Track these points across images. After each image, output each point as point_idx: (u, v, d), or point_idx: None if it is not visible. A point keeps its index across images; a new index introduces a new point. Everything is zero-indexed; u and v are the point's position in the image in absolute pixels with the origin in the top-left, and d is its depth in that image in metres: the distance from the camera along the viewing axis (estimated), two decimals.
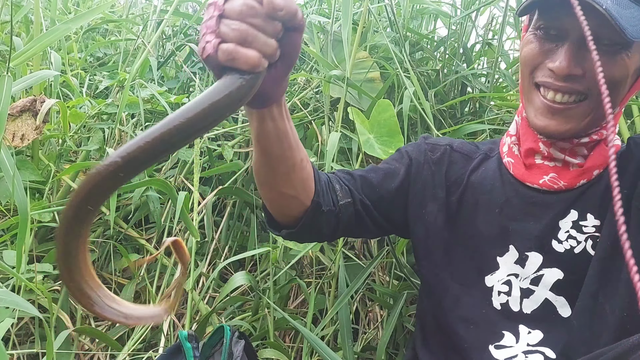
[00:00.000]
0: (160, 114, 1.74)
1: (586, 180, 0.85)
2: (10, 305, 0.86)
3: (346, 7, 1.37)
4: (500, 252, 0.87)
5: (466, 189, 0.93)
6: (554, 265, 0.83)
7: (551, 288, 0.83)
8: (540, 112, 0.82)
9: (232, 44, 0.54)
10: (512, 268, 0.86)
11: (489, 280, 0.87)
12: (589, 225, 0.83)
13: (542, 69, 0.81)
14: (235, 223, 1.64)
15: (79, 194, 0.49)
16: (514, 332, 0.83)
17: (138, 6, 2.55)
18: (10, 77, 1.12)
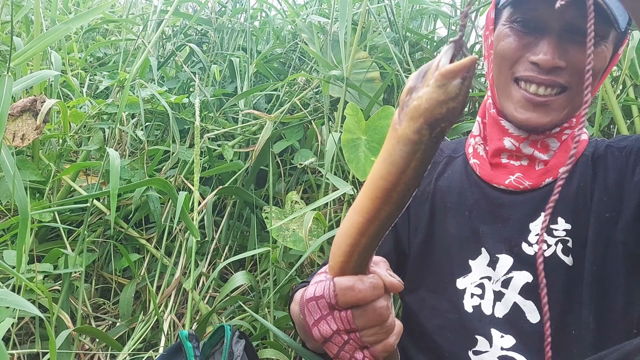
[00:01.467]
0: (160, 114, 1.74)
1: (552, 179, 0.84)
2: (10, 305, 0.86)
3: (344, 7, 1.37)
4: (473, 255, 0.86)
5: (435, 195, 0.92)
6: (523, 268, 0.82)
7: (520, 291, 0.81)
8: (521, 105, 0.81)
9: (387, 339, 0.58)
10: (485, 271, 0.85)
11: (461, 283, 0.86)
12: (560, 229, 0.82)
13: (522, 63, 0.80)
14: (236, 223, 1.64)
15: None
16: (487, 336, 0.81)
17: (138, 6, 2.55)
18: (10, 77, 1.12)
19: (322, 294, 0.57)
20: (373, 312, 0.56)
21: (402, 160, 0.50)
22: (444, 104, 0.47)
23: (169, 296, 1.40)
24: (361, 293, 0.55)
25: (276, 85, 1.72)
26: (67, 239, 1.43)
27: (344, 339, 0.57)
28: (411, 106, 0.49)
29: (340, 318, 0.57)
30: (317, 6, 2.09)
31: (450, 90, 0.47)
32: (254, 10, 2.22)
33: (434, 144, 0.49)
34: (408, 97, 0.49)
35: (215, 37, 2.06)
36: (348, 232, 0.55)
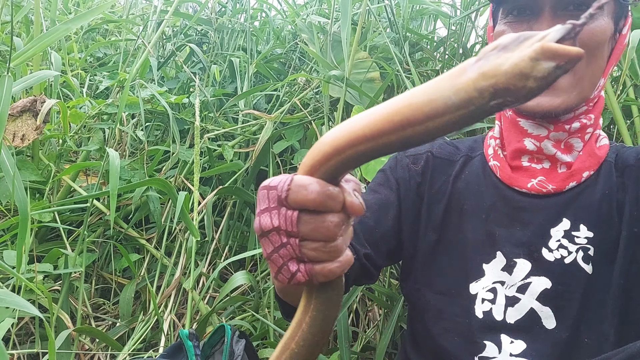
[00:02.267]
0: (161, 114, 1.74)
1: (576, 183, 0.82)
2: (10, 305, 0.86)
3: (345, 7, 1.37)
4: (487, 259, 0.84)
5: (452, 196, 0.90)
6: (542, 274, 0.80)
7: (538, 297, 0.80)
8: None
9: (329, 263, 0.51)
10: (499, 275, 0.83)
11: (473, 288, 0.84)
12: (581, 236, 0.81)
13: None
14: (236, 223, 1.64)
15: None
16: (496, 342, 0.80)
17: (138, 6, 2.55)
18: (10, 77, 1.12)
19: (276, 185, 0.51)
20: (321, 224, 0.49)
21: (442, 106, 0.44)
22: (525, 78, 0.41)
23: (168, 296, 1.40)
24: (313, 195, 0.48)
25: (276, 86, 1.73)
26: (67, 239, 1.43)
27: (282, 240, 0.51)
28: (492, 62, 0.43)
29: (284, 216, 0.50)
30: (317, 6, 2.09)
31: (540, 69, 0.41)
32: (254, 11, 2.22)
33: (483, 113, 0.43)
34: (494, 52, 0.43)
35: (215, 37, 2.06)
36: (339, 136, 0.48)
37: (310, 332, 0.54)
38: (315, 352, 0.54)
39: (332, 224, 0.50)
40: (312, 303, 0.54)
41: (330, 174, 0.50)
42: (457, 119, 0.43)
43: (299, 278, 0.51)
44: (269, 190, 0.52)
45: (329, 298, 0.54)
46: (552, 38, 0.42)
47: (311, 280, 0.51)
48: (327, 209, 0.50)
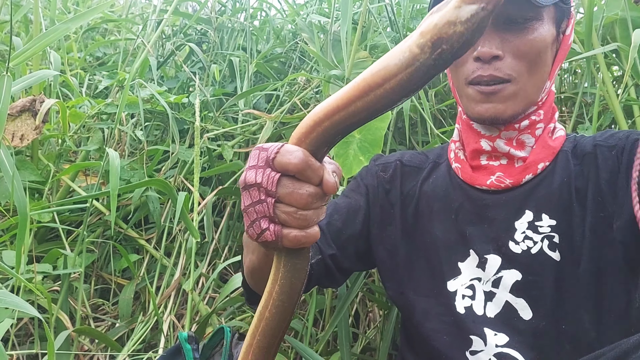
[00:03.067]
0: (160, 114, 1.73)
1: (532, 175, 0.86)
2: (9, 306, 0.85)
3: (345, 7, 1.37)
4: (462, 258, 0.87)
5: (420, 199, 0.94)
6: (512, 267, 0.83)
7: (510, 290, 0.82)
8: (476, 100, 0.84)
9: (297, 230, 0.56)
10: (474, 272, 0.86)
11: (452, 285, 0.87)
12: (545, 225, 0.83)
13: (469, 64, 0.84)
14: (235, 223, 1.63)
15: None
16: (481, 336, 0.82)
17: (137, 6, 2.54)
18: (9, 76, 1.11)
19: (267, 148, 0.56)
20: (297, 190, 0.55)
21: (394, 68, 0.50)
22: (452, 24, 0.47)
23: (168, 297, 1.40)
24: (296, 160, 0.54)
25: (276, 85, 1.72)
26: (66, 240, 1.43)
27: (260, 197, 0.55)
28: (425, 23, 0.49)
29: (268, 175, 0.55)
30: (318, 5, 2.09)
31: (463, 14, 0.46)
32: (253, 10, 2.22)
33: (429, 67, 0.49)
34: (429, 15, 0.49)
35: (215, 36, 2.06)
36: (318, 109, 0.54)
37: (280, 300, 0.59)
38: (286, 318, 0.60)
39: (307, 193, 0.55)
40: (280, 271, 0.59)
41: (314, 147, 0.55)
42: (409, 77, 0.50)
43: (266, 236, 0.56)
44: (260, 151, 0.57)
45: (294, 266, 0.59)
46: None
47: (277, 241, 0.56)
48: (306, 178, 0.55)
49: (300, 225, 0.55)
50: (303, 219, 0.55)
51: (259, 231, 0.56)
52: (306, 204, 0.55)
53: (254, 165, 0.57)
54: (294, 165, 0.54)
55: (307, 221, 0.56)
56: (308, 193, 0.55)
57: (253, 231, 0.57)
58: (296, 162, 0.54)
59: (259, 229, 0.56)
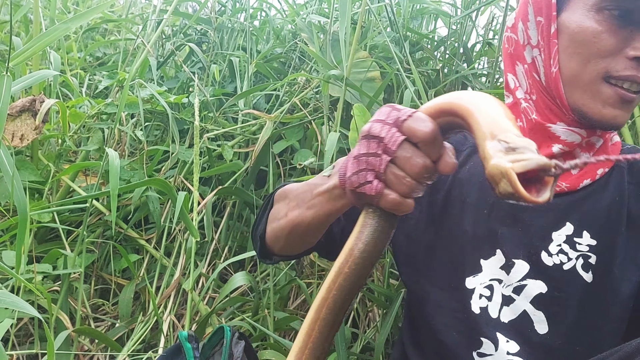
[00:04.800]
0: (160, 114, 1.73)
1: (590, 181, 0.79)
2: (9, 306, 0.85)
3: (344, 7, 1.37)
4: (486, 255, 0.82)
5: (452, 186, 0.87)
6: (539, 278, 0.78)
7: (532, 300, 0.78)
8: (611, 102, 0.73)
9: (397, 195, 0.56)
10: (496, 273, 0.81)
11: (470, 282, 0.82)
12: (584, 243, 0.78)
13: (619, 60, 0.72)
14: (235, 223, 1.63)
15: None
16: (492, 340, 0.78)
17: (137, 6, 2.55)
18: (9, 76, 1.11)
19: (400, 109, 0.57)
20: (414, 158, 0.55)
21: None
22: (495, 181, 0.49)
23: (168, 297, 1.40)
24: (426, 130, 0.54)
25: (276, 85, 1.72)
26: (66, 240, 1.42)
27: (377, 151, 0.56)
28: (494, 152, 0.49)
29: (393, 134, 0.56)
30: (317, 5, 2.09)
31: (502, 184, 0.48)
32: (253, 10, 2.22)
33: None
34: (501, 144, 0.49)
35: (215, 36, 2.06)
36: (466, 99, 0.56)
37: (361, 257, 0.60)
38: (363, 276, 0.61)
39: (423, 163, 0.55)
40: (367, 229, 0.60)
41: (444, 127, 0.57)
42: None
43: (367, 189, 0.57)
44: (393, 110, 0.58)
45: (383, 228, 0.59)
46: (523, 166, 0.46)
47: (375, 198, 0.57)
48: (427, 150, 0.55)
49: (403, 192, 0.56)
50: (407, 187, 0.56)
51: (362, 181, 0.57)
52: (418, 174, 0.55)
53: (381, 120, 0.57)
54: (422, 134, 0.55)
55: (410, 190, 0.56)
56: (424, 164, 0.55)
57: (356, 180, 0.57)
58: (425, 131, 0.55)
59: (363, 179, 0.57)
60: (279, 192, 0.84)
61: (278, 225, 0.80)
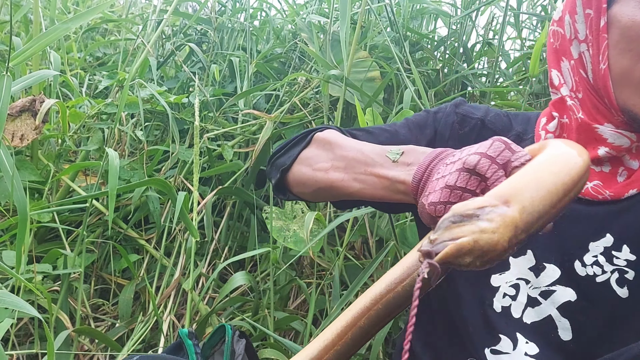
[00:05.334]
0: (160, 114, 1.73)
1: (636, 191, 0.72)
2: (9, 306, 0.85)
3: (344, 6, 1.37)
4: (515, 253, 0.75)
5: None
6: (569, 285, 0.74)
7: (559, 307, 0.74)
8: None
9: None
10: (524, 273, 0.76)
11: (496, 280, 0.78)
12: (622, 257, 0.72)
13: None
14: (235, 223, 1.63)
15: None
16: (512, 338, 0.75)
17: (137, 6, 2.55)
18: (9, 76, 1.11)
19: (515, 150, 0.53)
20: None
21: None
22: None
23: (168, 297, 1.39)
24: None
25: (276, 85, 1.72)
26: (66, 240, 1.42)
27: (476, 190, 0.53)
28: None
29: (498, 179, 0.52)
30: (317, 5, 2.09)
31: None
32: (253, 10, 2.22)
33: None
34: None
35: (215, 36, 2.06)
36: None
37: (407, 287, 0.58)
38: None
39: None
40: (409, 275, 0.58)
41: None
42: None
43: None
44: (506, 149, 0.54)
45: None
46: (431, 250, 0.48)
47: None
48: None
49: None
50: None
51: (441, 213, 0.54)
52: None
53: (491, 157, 0.53)
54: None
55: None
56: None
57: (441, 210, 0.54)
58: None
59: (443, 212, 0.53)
60: (322, 136, 0.77)
61: (312, 175, 0.74)
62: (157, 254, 1.48)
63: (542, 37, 1.36)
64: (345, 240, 1.38)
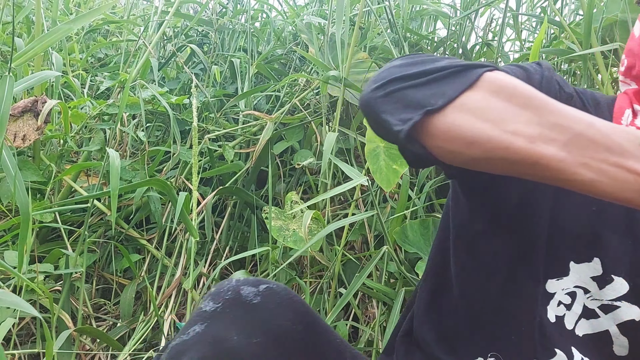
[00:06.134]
0: (161, 115, 1.74)
1: None
2: (11, 306, 0.86)
3: (340, 8, 1.37)
4: (578, 259, 0.68)
5: None
6: (636, 303, 0.66)
7: (619, 324, 0.66)
8: None
9: None
10: (585, 281, 0.68)
11: (552, 286, 0.69)
12: None
13: None
14: (236, 223, 1.64)
15: None
16: (567, 353, 0.67)
17: (139, 7, 2.56)
18: (12, 77, 1.12)
19: None
20: None
21: None
22: None
23: (169, 296, 1.40)
24: None
25: (276, 86, 1.73)
26: (68, 240, 1.43)
27: None
28: None
29: None
30: (318, 7, 2.10)
31: None
32: (254, 12, 2.23)
33: None
34: None
35: (216, 38, 2.07)
36: None
37: None
38: None
39: None
40: None
41: None
42: None
43: None
44: None
45: None
46: None
47: None
48: None
49: None
50: None
51: None
52: None
53: None
54: None
55: None
56: None
57: None
58: None
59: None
60: (502, 81, 0.55)
61: (494, 136, 0.52)
62: (158, 254, 1.49)
63: (541, 34, 1.36)
64: (342, 240, 1.38)
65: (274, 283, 0.67)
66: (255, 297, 0.64)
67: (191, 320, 0.63)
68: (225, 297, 0.64)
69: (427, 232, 1.39)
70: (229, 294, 0.64)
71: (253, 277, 0.69)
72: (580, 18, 1.64)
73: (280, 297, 0.66)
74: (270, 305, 0.64)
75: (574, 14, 1.94)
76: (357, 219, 1.29)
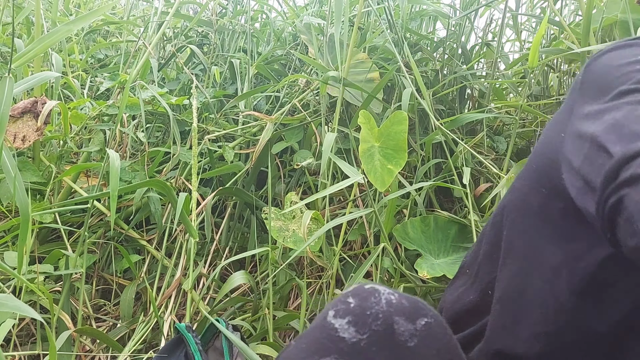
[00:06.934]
0: (161, 116, 1.74)
1: None
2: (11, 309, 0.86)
3: (338, 8, 1.38)
4: None
5: None
6: None
7: None
8: None
9: None
10: None
11: None
12: None
13: None
14: (236, 224, 1.64)
15: None
16: None
17: (139, 8, 2.56)
18: (11, 78, 1.12)
19: None
20: None
21: None
22: None
23: (169, 297, 1.40)
24: None
25: (276, 87, 1.73)
26: (67, 240, 1.43)
27: None
28: None
29: None
30: (318, 7, 2.10)
31: None
32: (254, 12, 2.23)
33: None
34: None
35: (216, 38, 2.07)
36: None
37: None
38: None
39: None
40: None
41: None
42: None
43: None
44: None
45: None
46: None
47: None
48: None
49: None
50: None
51: None
52: None
53: None
54: None
55: None
56: None
57: None
58: None
59: None
60: None
61: None
62: (158, 255, 1.49)
63: (541, 30, 1.35)
64: (340, 239, 1.38)
65: (432, 315, 0.54)
66: (412, 339, 0.51)
67: (320, 344, 0.49)
68: (373, 328, 0.51)
69: (428, 230, 1.38)
70: (378, 323, 0.51)
71: (407, 301, 0.54)
72: (580, 18, 1.64)
73: (439, 342, 0.53)
74: (428, 352, 0.52)
75: (573, 14, 1.94)
76: (355, 216, 1.29)
